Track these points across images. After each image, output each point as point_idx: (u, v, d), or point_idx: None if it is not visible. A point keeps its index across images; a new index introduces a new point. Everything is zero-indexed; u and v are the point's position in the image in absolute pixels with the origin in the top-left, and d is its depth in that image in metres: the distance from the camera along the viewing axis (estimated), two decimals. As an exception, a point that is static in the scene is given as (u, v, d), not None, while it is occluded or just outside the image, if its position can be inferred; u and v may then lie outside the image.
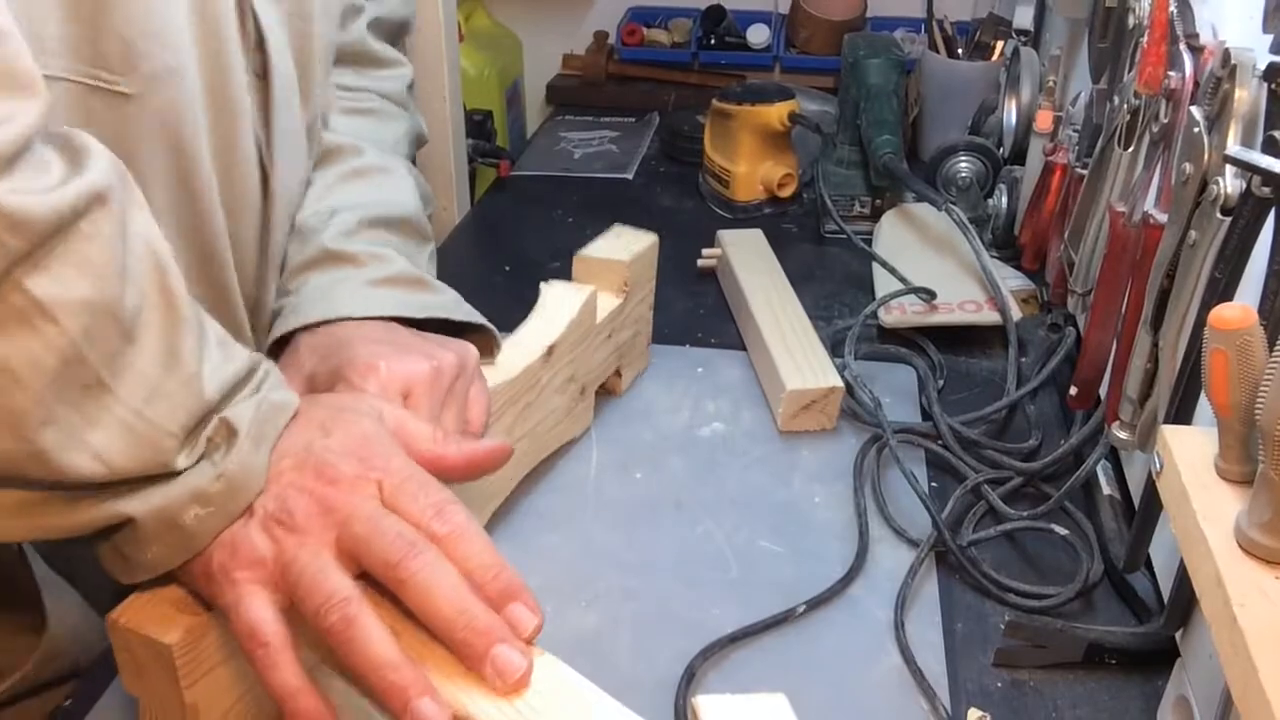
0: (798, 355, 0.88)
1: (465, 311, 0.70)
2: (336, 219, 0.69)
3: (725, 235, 1.10)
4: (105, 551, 0.51)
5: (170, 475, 0.49)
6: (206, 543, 0.50)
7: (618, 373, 0.88)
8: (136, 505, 0.48)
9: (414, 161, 0.85)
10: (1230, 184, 0.56)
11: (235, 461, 0.50)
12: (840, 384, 0.85)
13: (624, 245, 0.86)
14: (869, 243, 1.09)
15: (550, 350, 0.76)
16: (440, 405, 0.62)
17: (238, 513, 0.50)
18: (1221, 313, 0.46)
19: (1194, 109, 0.60)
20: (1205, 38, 0.66)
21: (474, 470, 0.58)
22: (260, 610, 0.49)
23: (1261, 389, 0.44)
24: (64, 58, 0.51)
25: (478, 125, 1.47)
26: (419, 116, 0.87)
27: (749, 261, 1.05)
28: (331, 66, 0.74)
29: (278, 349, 0.66)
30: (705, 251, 1.10)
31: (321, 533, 0.50)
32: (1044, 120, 1.01)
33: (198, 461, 0.50)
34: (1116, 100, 0.77)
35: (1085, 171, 0.84)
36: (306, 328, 0.65)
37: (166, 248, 0.49)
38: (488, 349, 0.72)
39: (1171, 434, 0.53)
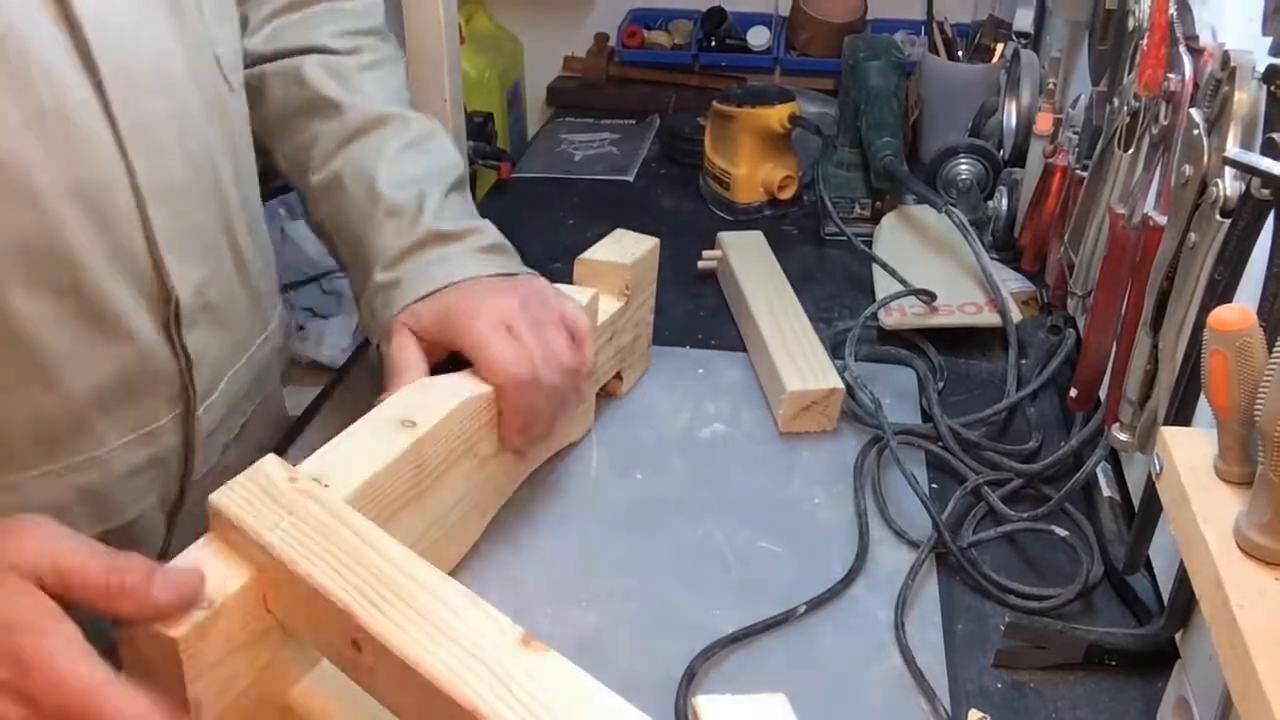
0: (798, 357, 0.88)
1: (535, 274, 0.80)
2: (428, 200, 0.77)
3: (725, 237, 1.10)
4: None
5: None
6: None
7: (618, 375, 0.89)
8: None
9: None
10: (1230, 186, 0.56)
11: None
12: (841, 385, 0.85)
13: (625, 249, 0.86)
14: (869, 245, 1.10)
15: None
16: (535, 326, 0.71)
17: None
18: (1221, 314, 0.46)
19: (1194, 111, 0.60)
20: (1205, 40, 0.66)
21: (169, 609, 0.50)
22: None
23: (1261, 390, 0.44)
24: None
25: (478, 127, 1.47)
26: (395, 41, 0.91)
27: (749, 263, 1.05)
28: None
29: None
30: (706, 253, 1.10)
31: None
32: (1044, 122, 1.01)
33: None
34: (1116, 102, 0.77)
35: (1085, 174, 0.84)
36: (422, 297, 0.73)
37: None
38: None
39: (1171, 435, 0.53)
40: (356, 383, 0.94)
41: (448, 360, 0.73)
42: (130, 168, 0.63)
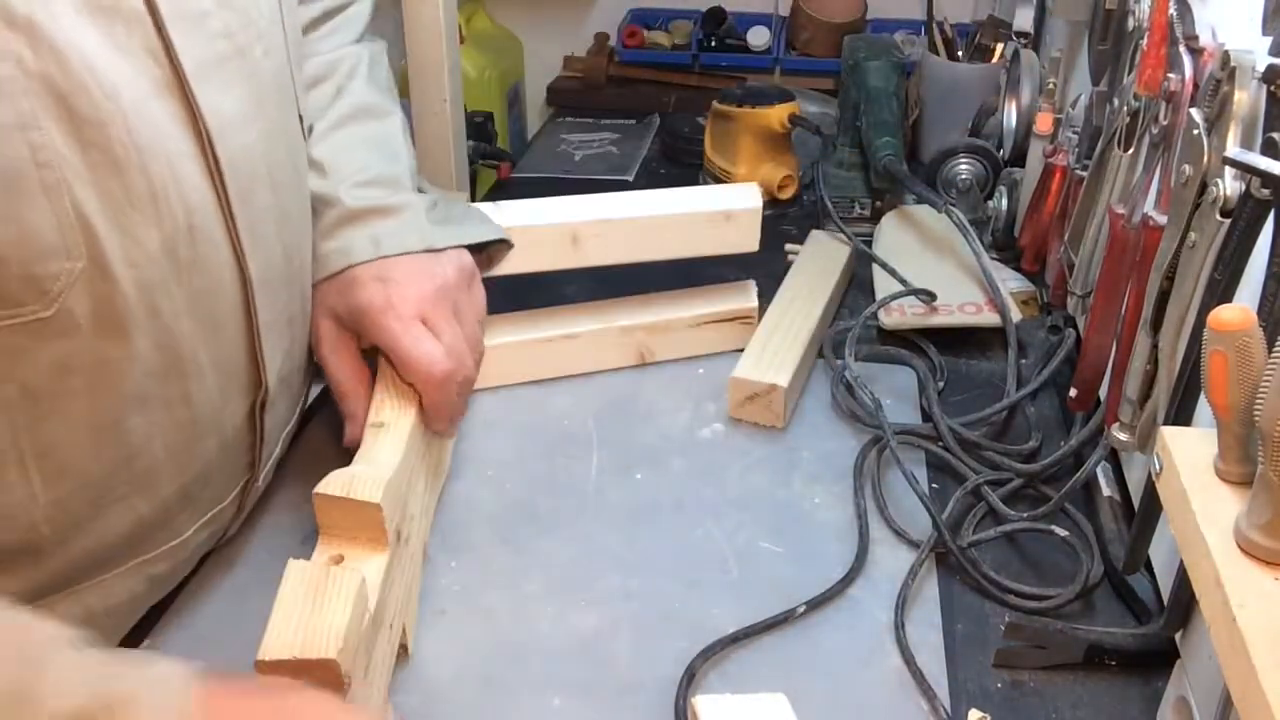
0: (770, 350, 0.89)
1: (474, 233, 0.79)
2: (346, 181, 0.74)
3: (816, 234, 1.12)
4: None
5: None
6: None
7: None
8: None
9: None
10: (1229, 186, 0.56)
11: None
12: (782, 384, 0.84)
13: None
14: (869, 244, 1.10)
15: None
16: (452, 315, 0.71)
17: None
18: (1221, 314, 0.46)
19: (1194, 111, 0.60)
20: (1205, 40, 0.66)
21: None
22: None
23: (1260, 390, 0.44)
24: None
25: (478, 127, 1.47)
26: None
27: (811, 263, 1.06)
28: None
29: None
30: (788, 247, 1.13)
31: None
32: (1044, 122, 1.01)
33: None
34: (1116, 102, 0.77)
35: (1085, 173, 0.84)
36: (329, 278, 0.72)
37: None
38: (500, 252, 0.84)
39: (1171, 435, 0.53)
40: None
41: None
42: (243, 268, 0.62)
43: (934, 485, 0.82)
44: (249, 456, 0.70)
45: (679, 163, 1.41)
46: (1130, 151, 0.73)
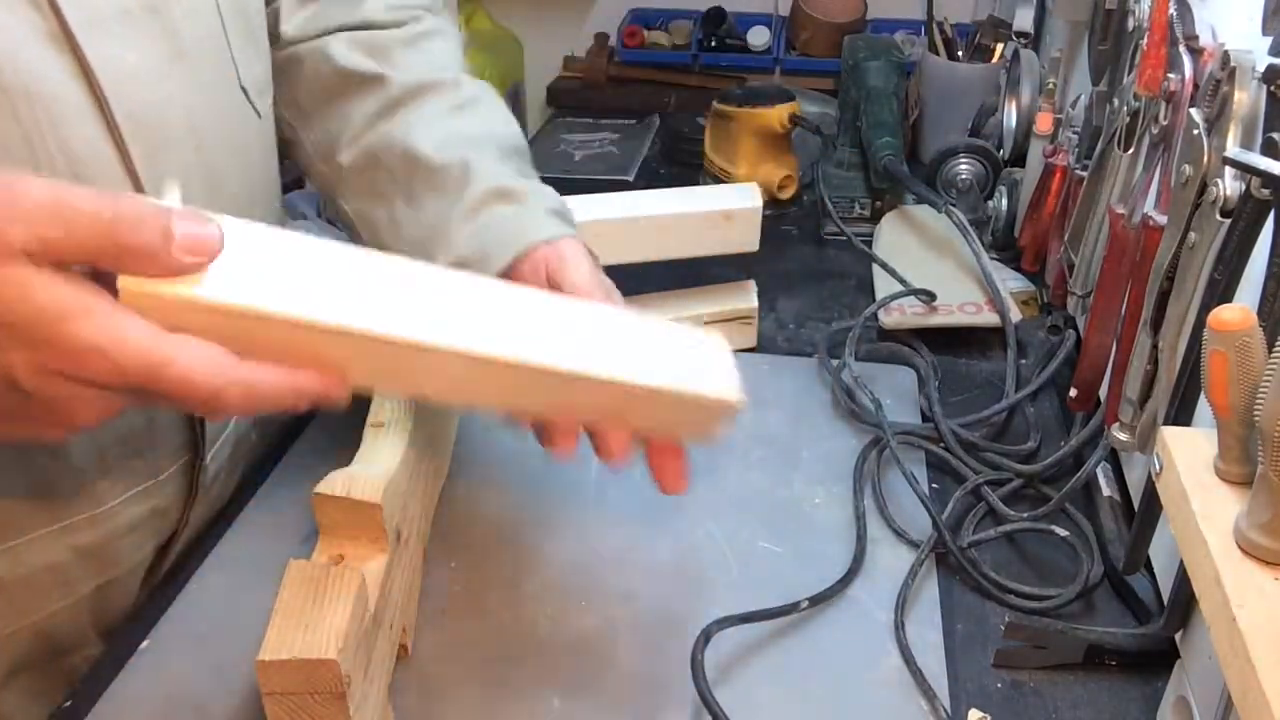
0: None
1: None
2: (477, 159, 0.68)
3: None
4: None
5: None
6: None
7: None
8: None
9: None
10: (1230, 186, 0.56)
11: None
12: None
13: None
14: (869, 244, 1.10)
15: None
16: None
17: None
18: (1221, 314, 0.46)
19: (1193, 111, 0.60)
20: (1205, 40, 0.66)
21: (190, 266, 0.46)
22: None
23: (1261, 390, 0.44)
24: None
25: (478, 127, 1.47)
26: (455, 25, 0.84)
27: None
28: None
29: None
30: None
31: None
32: (1044, 122, 1.01)
33: None
34: (1116, 102, 0.77)
35: (1085, 173, 0.84)
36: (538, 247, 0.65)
37: None
38: None
39: (1171, 435, 0.53)
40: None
41: None
42: None
43: (934, 485, 0.82)
44: (187, 434, 0.69)
45: (679, 163, 1.41)
46: (1130, 151, 0.73)
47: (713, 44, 1.68)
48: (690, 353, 0.59)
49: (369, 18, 0.76)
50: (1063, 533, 0.74)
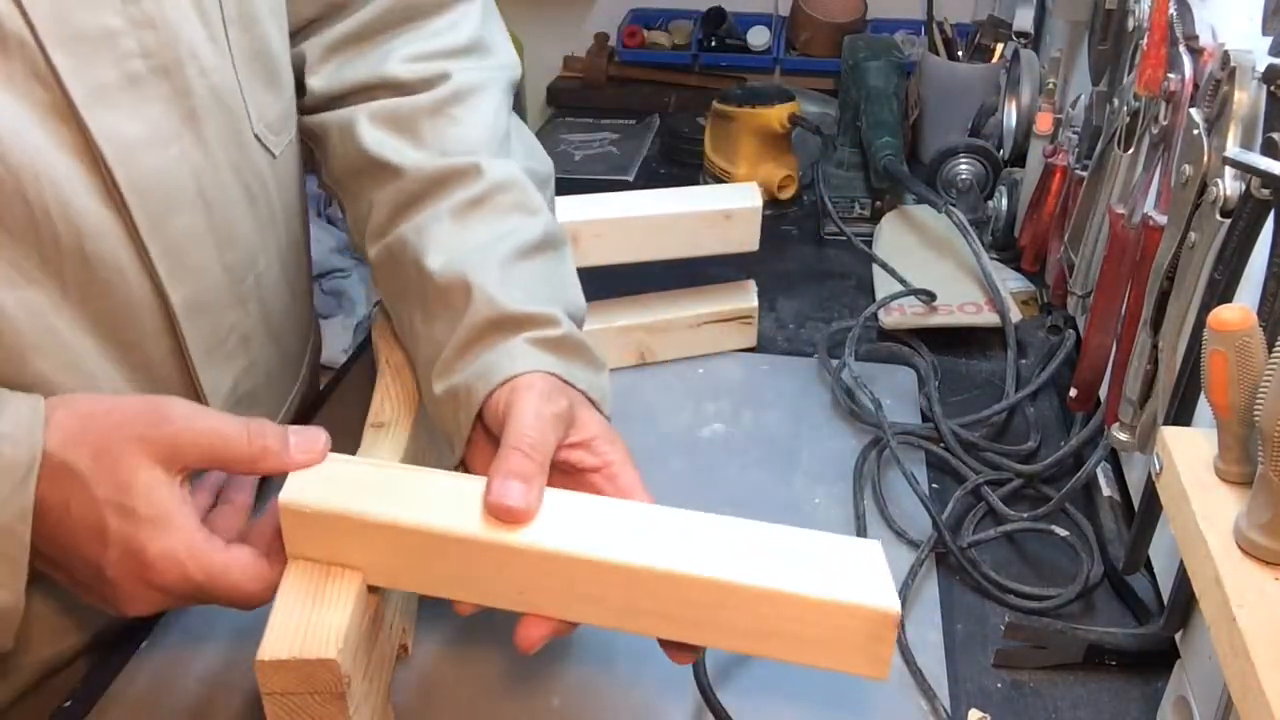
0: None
1: (609, 406, 0.65)
2: (478, 278, 0.62)
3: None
4: None
5: None
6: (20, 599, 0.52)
7: None
8: None
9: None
10: (1230, 186, 0.56)
11: None
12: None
13: None
14: (869, 244, 1.10)
15: None
16: None
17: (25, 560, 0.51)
18: (1221, 314, 0.46)
19: (1193, 111, 0.60)
20: (1205, 40, 0.66)
21: (300, 461, 0.55)
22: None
23: (1261, 390, 0.44)
24: None
25: (478, 127, 1.47)
26: (501, 53, 0.77)
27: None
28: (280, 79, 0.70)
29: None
30: None
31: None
32: (1044, 122, 1.01)
33: None
34: (1116, 102, 0.77)
35: (1085, 173, 0.84)
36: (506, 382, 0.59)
37: None
38: None
39: (1171, 435, 0.53)
40: (357, 382, 0.94)
41: None
42: (162, 292, 0.61)
43: (934, 485, 0.82)
44: None
45: (679, 163, 1.41)
46: (1130, 151, 0.73)
47: (713, 44, 1.68)
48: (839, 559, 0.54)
49: (393, 74, 0.69)
50: (1063, 533, 0.74)
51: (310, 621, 0.52)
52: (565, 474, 0.59)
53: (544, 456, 0.55)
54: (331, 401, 0.92)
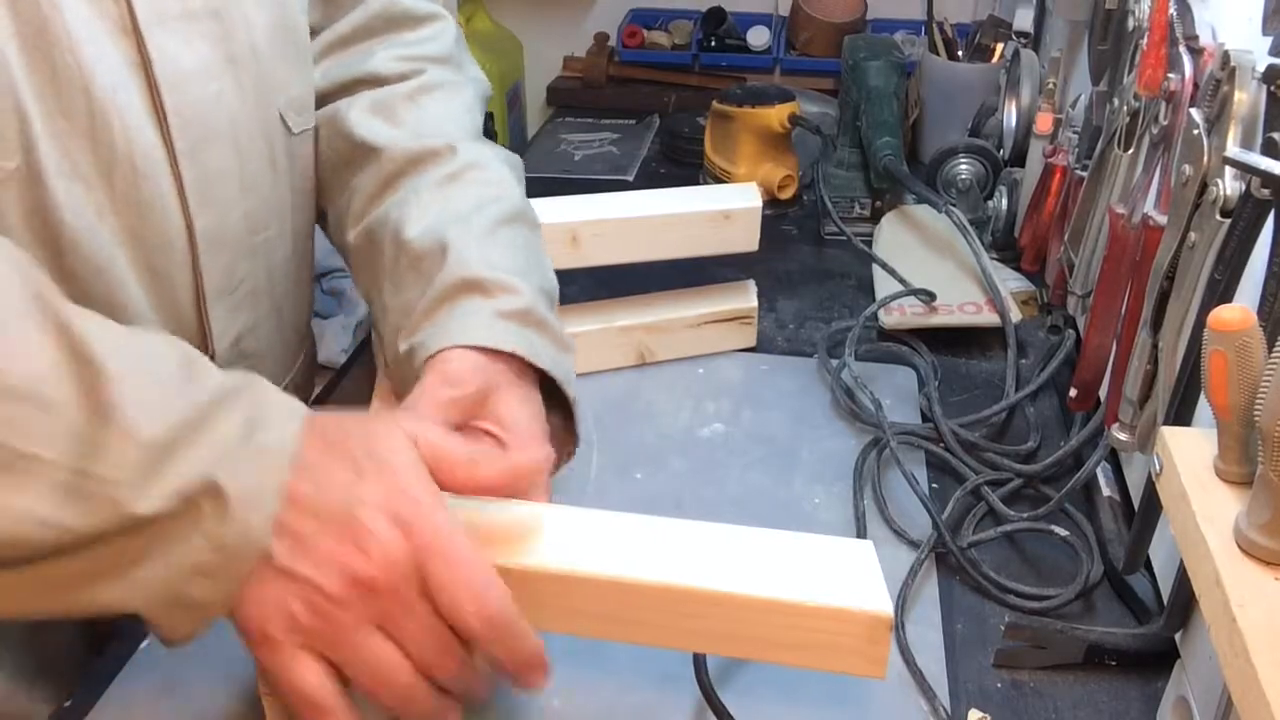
0: None
1: (573, 387, 0.66)
2: (456, 241, 0.64)
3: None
4: (148, 626, 0.51)
5: (141, 529, 0.46)
6: (223, 609, 0.49)
7: None
8: (137, 593, 0.47)
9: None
10: (1230, 186, 0.56)
11: (231, 531, 0.47)
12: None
13: None
14: (869, 244, 1.09)
15: None
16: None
17: (246, 573, 0.49)
18: (1221, 314, 0.46)
19: (1194, 111, 0.60)
20: (1205, 40, 0.66)
21: (512, 489, 0.56)
22: (311, 676, 0.49)
23: (1261, 390, 0.44)
24: None
25: (478, 127, 1.47)
26: (475, 69, 0.82)
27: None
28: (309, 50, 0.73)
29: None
30: None
31: (358, 606, 0.49)
32: (1044, 122, 1.01)
33: (172, 514, 0.46)
34: (1116, 102, 0.77)
35: (1085, 173, 0.84)
36: (440, 352, 0.61)
37: (64, 307, 0.47)
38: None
39: (1171, 435, 0.53)
40: (356, 383, 0.94)
41: None
42: (190, 222, 0.63)
43: (934, 485, 0.82)
44: None
45: (679, 163, 1.41)
46: (1130, 151, 0.73)
47: (713, 44, 1.68)
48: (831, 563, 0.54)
49: (374, 69, 0.74)
50: (1063, 533, 0.74)
51: None
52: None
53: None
54: (331, 401, 0.92)
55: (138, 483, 0.46)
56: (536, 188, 1.44)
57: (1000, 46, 1.33)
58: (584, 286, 0.97)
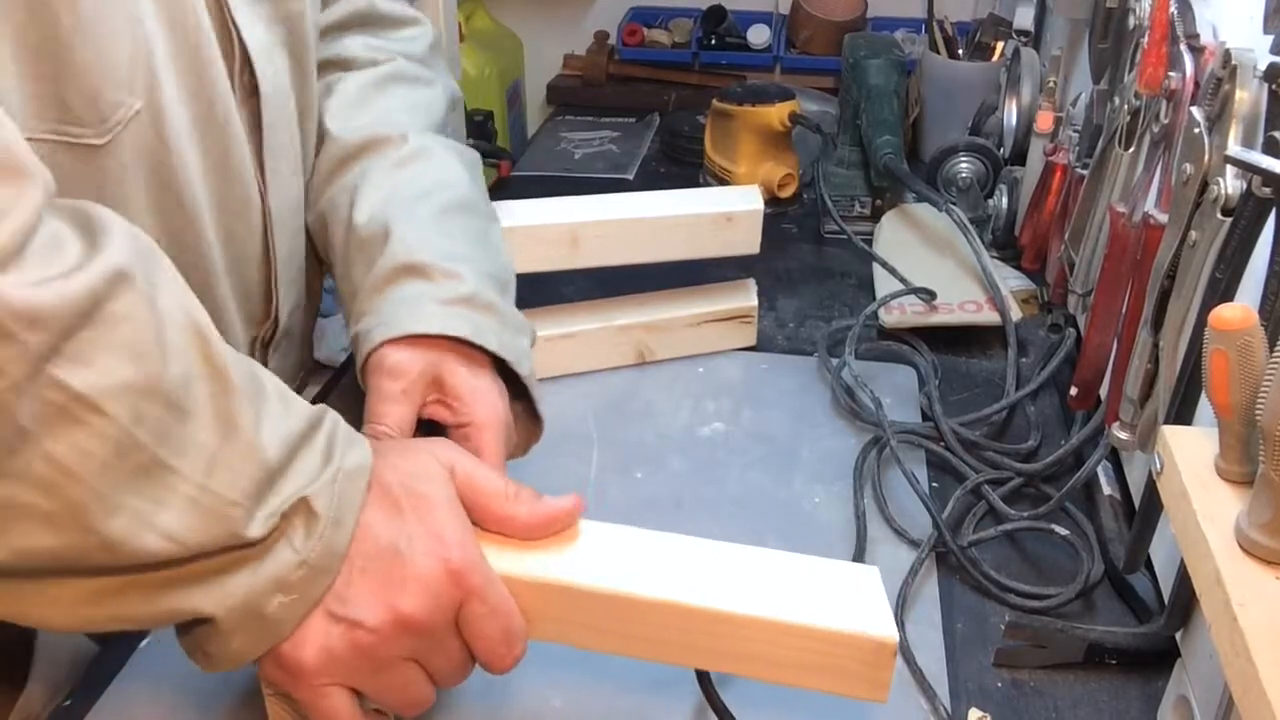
0: None
1: (527, 366, 0.65)
2: (399, 225, 0.66)
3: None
4: (187, 645, 0.50)
5: (244, 548, 0.46)
6: (291, 629, 0.49)
7: None
8: (217, 600, 0.47)
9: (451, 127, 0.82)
10: (1231, 184, 0.56)
11: (319, 548, 0.48)
12: None
13: None
14: (869, 243, 1.09)
15: None
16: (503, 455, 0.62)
17: (319, 596, 0.49)
18: (1222, 313, 0.46)
19: (1194, 109, 0.60)
20: (1206, 38, 0.66)
21: (541, 534, 0.55)
22: (343, 707, 0.50)
23: (1262, 389, 0.44)
24: (27, 118, 0.48)
25: (478, 126, 1.47)
26: (448, 78, 0.83)
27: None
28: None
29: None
30: None
31: (395, 643, 0.50)
32: (1044, 121, 1.01)
33: (270, 534, 0.47)
34: (1117, 101, 0.77)
35: (1086, 172, 0.84)
36: (390, 341, 0.62)
37: (204, 314, 0.47)
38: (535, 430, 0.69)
39: (1172, 434, 0.53)
40: (356, 382, 0.94)
41: None
42: (264, 192, 0.64)
43: (934, 484, 0.81)
44: None
45: (679, 161, 1.41)
46: (1131, 150, 0.73)
47: (713, 42, 1.68)
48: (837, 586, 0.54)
49: (346, 53, 0.76)
50: (1063, 532, 0.74)
51: None
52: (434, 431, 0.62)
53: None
54: (331, 401, 0.91)
55: (251, 504, 0.46)
56: (536, 186, 1.45)
57: (1001, 45, 1.32)
58: (583, 286, 0.97)
